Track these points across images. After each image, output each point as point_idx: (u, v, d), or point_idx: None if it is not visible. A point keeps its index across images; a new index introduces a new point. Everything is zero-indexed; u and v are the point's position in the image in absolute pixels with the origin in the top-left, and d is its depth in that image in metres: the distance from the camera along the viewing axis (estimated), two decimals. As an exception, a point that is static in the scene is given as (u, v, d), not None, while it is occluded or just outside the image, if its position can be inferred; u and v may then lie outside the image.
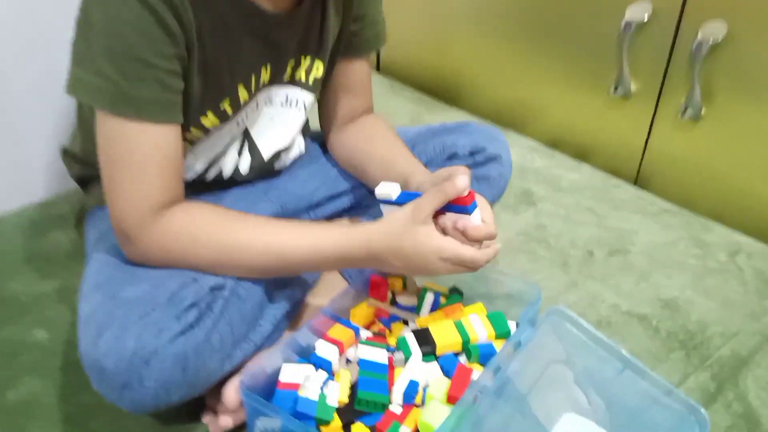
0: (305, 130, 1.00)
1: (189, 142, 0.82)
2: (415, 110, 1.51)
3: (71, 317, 0.93)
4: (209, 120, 0.80)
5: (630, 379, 0.78)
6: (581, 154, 1.36)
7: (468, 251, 0.73)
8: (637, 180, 1.31)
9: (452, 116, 1.46)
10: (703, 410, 0.74)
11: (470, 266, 0.74)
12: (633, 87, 1.24)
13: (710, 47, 1.10)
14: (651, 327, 0.97)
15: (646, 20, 1.16)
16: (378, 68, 1.68)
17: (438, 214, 0.76)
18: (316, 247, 0.75)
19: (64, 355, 0.88)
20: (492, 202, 1.03)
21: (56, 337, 0.91)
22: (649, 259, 1.09)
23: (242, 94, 0.80)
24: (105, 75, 0.66)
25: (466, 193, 0.74)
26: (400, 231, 0.73)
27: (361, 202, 0.99)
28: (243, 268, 0.75)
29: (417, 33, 1.57)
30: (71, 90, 0.70)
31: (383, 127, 0.96)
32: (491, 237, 0.75)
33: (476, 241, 0.75)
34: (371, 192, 0.92)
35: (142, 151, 0.70)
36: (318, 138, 1.03)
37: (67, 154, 0.97)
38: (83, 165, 0.94)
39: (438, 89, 1.57)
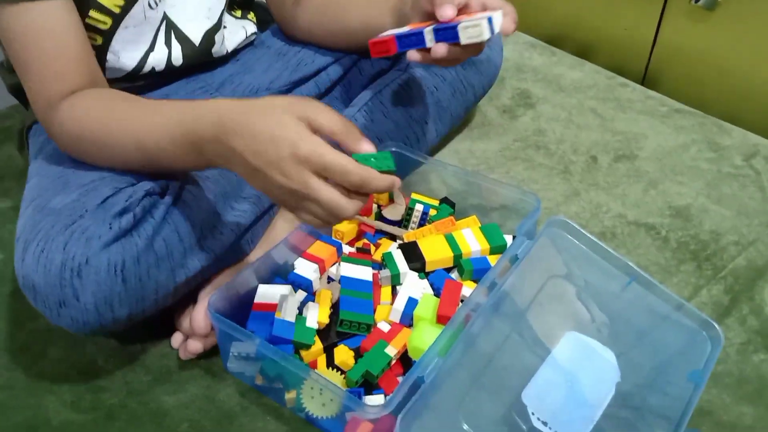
0: (265, 23, 0.97)
1: (100, 34, 0.77)
2: None
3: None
4: None
5: (637, 294, 0.74)
6: (584, 50, 1.31)
7: (340, 157, 0.56)
8: (646, 78, 1.27)
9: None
10: (716, 325, 0.71)
11: (340, 178, 0.57)
12: (644, -29, 1.19)
13: None
14: (660, 237, 0.93)
15: None
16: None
17: None
18: (164, 124, 0.64)
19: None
20: (482, 93, 1.01)
21: (11, 259, 0.85)
22: (658, 164, 1.05)
23: None
24: None
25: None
26: (262, 105, 0.59)
27: (330, 88, 0.94)
28: (117, 161, 0.69)
29: None
30: None
31: None
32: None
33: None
34: (354, 54, 0.92)
35: (28, 37, 0.67)
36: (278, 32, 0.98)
37: (1, 66, 0.90)
38: (10, 73, 0.88)
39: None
